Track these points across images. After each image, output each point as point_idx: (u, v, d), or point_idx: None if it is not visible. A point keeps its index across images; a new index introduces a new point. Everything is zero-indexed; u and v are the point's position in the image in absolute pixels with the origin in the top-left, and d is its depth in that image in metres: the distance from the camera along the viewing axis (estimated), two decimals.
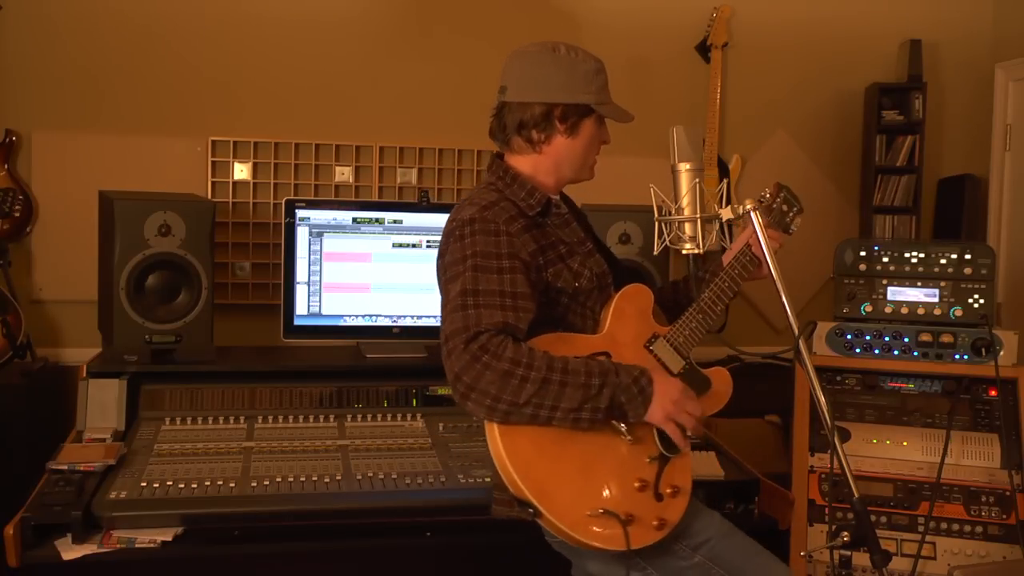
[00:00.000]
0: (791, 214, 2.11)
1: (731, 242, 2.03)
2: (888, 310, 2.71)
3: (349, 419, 2.72)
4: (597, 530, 1.64)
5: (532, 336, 1.69)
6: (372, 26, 3.60)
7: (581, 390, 1.62)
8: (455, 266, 1.70)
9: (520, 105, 1.82)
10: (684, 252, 1.84)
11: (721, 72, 3.86)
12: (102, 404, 2.60)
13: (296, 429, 2.65)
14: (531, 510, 1.62)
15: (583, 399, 1.62)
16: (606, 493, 1.67)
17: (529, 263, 1.73)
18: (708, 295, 1.92)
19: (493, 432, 1.64)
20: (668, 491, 1.74)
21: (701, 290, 1.92)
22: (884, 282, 2.73)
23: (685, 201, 1.83)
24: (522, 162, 1.87)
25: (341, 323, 3.04)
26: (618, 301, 1.85)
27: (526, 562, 2.66)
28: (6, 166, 3.28)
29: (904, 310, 2.71)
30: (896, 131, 3.99)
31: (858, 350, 2.69)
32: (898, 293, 2.71)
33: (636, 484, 1.70)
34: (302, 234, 3.02)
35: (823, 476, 2.56)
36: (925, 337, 2.66)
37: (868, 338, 2.68)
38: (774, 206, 2.04)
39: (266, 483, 2.30)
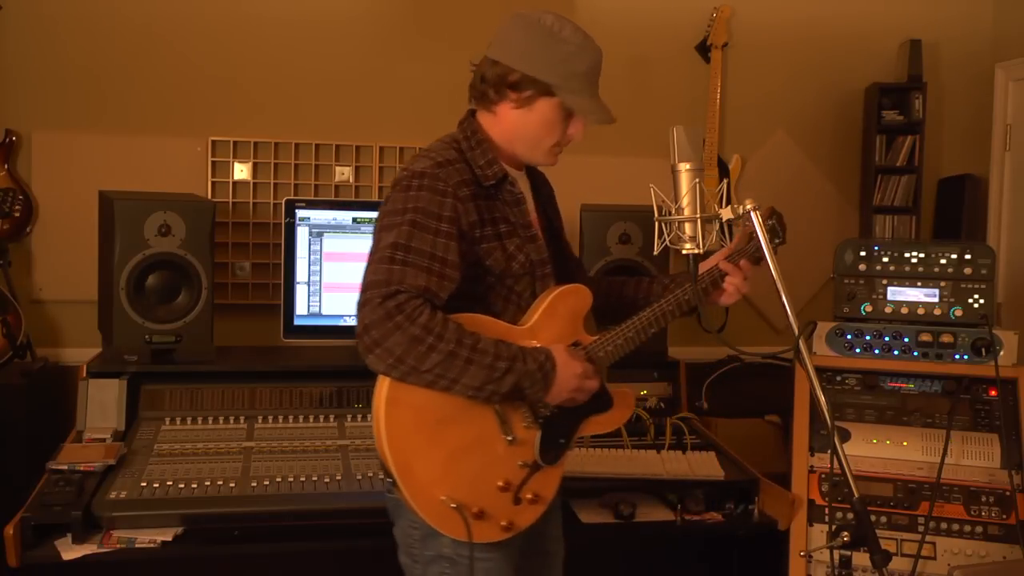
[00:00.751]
0: (774, 243, 2.00)
1: (731, 242, 2.03)
2: (888, 310, 2.71)
3: (349, 419, 2.72)
4: (447, 517, 1.65)
5: (453, 311, 1.66)
6: (372, 26, 3.60)
7: (485, 371, 1.62)
8: (393, 215, 1.66)
9: (490, 61, 1.78)
10: (684, 252, 1.84)
11: (721, 72, 3.86)
12: (102, 404, 2.60)
13: (296, 429, 2.65)
14: (390, 480, 1.67)
15: (485, 380, 1.62)
16: (466, 483, 1.68)
17: (465, 233, 1.70)
18: (648, 315, 1.88)
19: (381, 394, 1.64)
20: (528, 497, 1.74)
21: (676, 296, 1.91)
22: (884, 282, 2.73)
23: (685, 201, 1.82)
24: (488, 122, 1.81)
25: (341, 323, 3.04)
26: (554, 299, 1.82)
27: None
28: (6, 166, 3.28)
29: (904, 310, 2.71)
30: (896, 131, 3.99)
31: (858, 350, 2.69)
32: (898, 293, 2.71)
33: (499, 483, 1.71)
34: (302, 234, 3.02)
35: (823, 476, 2.56)
36: (925, 337, 2.66)
37: (868, 338, 2.68)
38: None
39: (266, 483, 2.30)
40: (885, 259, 2.73)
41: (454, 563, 1.70)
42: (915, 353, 2.66)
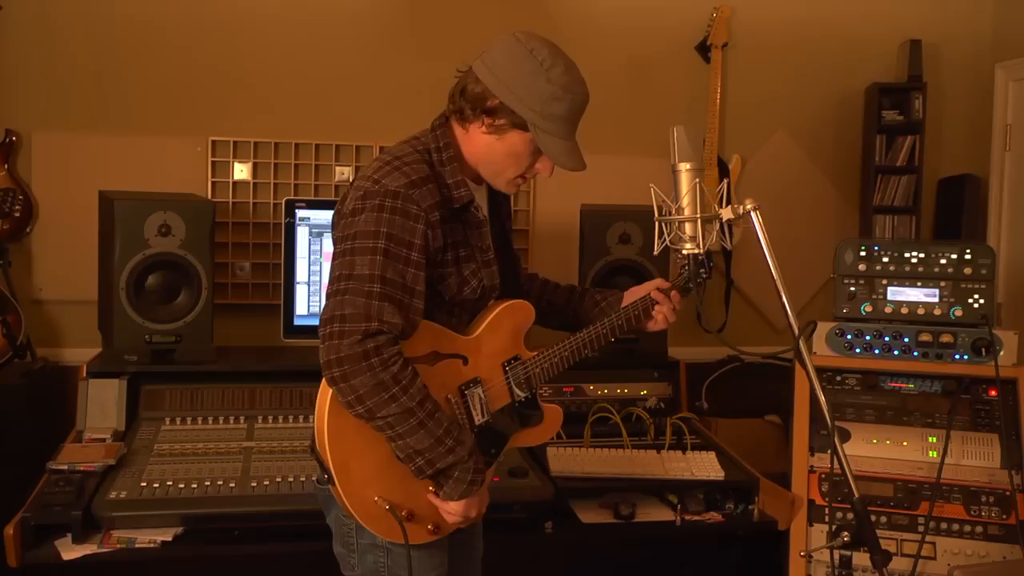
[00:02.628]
0: (698, 279, 1.96)
1: (731, 242, 2.03)
2: (888, 310, 2.71)
3: None
4: (378, 517, 1.69)
5: None
6: (372, 26, 3.60)
7: (432, 441, 1.64)
8: (366, 238, 1.63)
9: (474, 78, 1.71)
10: (684, 252, 1.84)
11: (721, 72, 3.85)
12: (102, 404, 2.61)
13: (296, 429, 2.65)
14: (326, 476, 1.69)
15: (427, 448, 1.64)
16: (399, 486, 1.70)
17: (431, 259, 1.69)
18: (583, 336, 1.91)
19: (326, 393, 1.68)
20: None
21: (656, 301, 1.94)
22: (884, 282, 2.73)
23: (685, 201, 1.82)
24: (460, 136, 1.76)
25: None
26: (500, 313, 1.84)
27: (527, 560, 2.66)
28: (6, 166, 3.28)
29: (904, 310, 2.71)
30: (896, 131, 3.98)
31: (858, 350, 2.69)
32: (898, 293, 2.71)
33: (431, 487, 1.72)
34: (302, 234, 3.02)
35: (823, 476, 2.56)
36: (925, 337, 2.66)
37: (868, 338, 2.68)
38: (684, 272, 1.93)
39: (266, 483, 2.30)
40: (885, 259, 2.73)
41: (389, 552, 1.75)
42: (915, 353, 2.66)
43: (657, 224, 1.86)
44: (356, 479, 1.69)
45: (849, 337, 2.69)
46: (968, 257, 2.68)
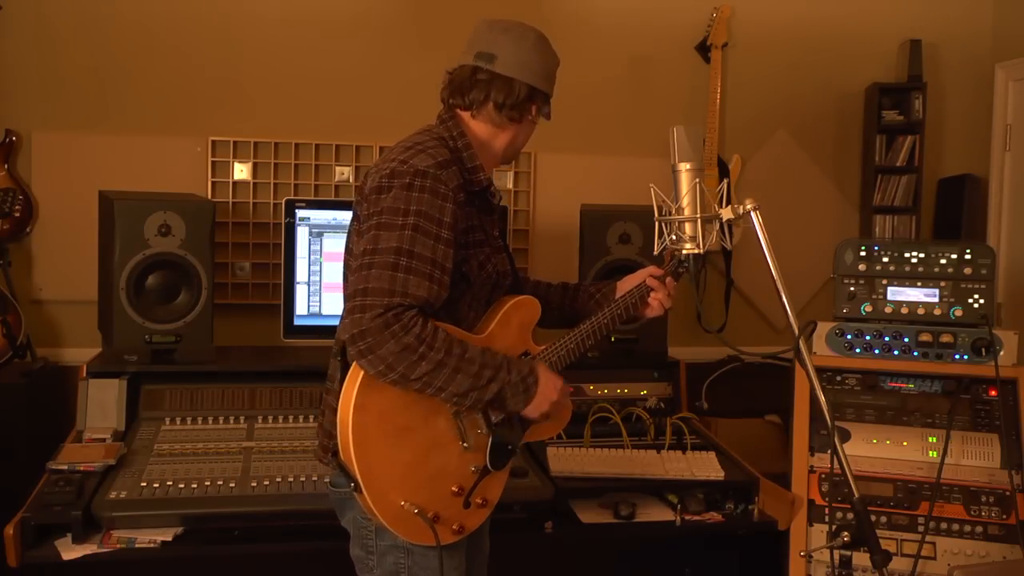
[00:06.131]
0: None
1: (731, 242, 2.03)
2: (888, 310, 2.71)
3: None
4: (406, 520, 1.68)
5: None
6: (372, 26, 3.60)
7: (471, 379, 1.66)
8: (395, 215, 1.65)
9: (507, 80, 1.80)
10: (684, 252, 1.84)
11: (721, 72, 3.85)
12: (102, 404, 2.61)
13: (296, 429, 2.65)
14: (352, 484, 1.66)
15: (470, 388, 1.66)
16: (423, 488, 1.70)
17: (457, 239, 1.72)
18: (586, 327, 1.93)
19: (349, 399, 1.65)
20: (478, 501, 1.78)
21: (637, 302, 1.97)
22: (884, 282, 2.73)
23: (685, 201, 1.83)
24: (481, 130, 1.84)
25: None
26: (509, 309, 1.86)
27: (527, 560, 2.66)
28: (6, 166, 3.28)
29: (904, 310, 2.71)
30: (896, 131, 3.99)
31: (858, 350, 2.69)
32: (898, 293, 2.71)
33: (454, 488, 1.73)
34: (302, 234, 3.02)
35: (823, 476, 2.56)
36: (925, 337, 2.66)
37: (868, 338, 2.68)
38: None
39: (266, 483, 2.30)
40: (885, 259, 2.73)
41: (409, 552, 1.74)
42: (915, 353, 2.66)
43: (657, 224, 1.87)
44: (383, 485, 1.67)
45: (849, 337, 2.69)
46: (968, 257, 2.68)
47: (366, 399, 1.65)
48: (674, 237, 1.87)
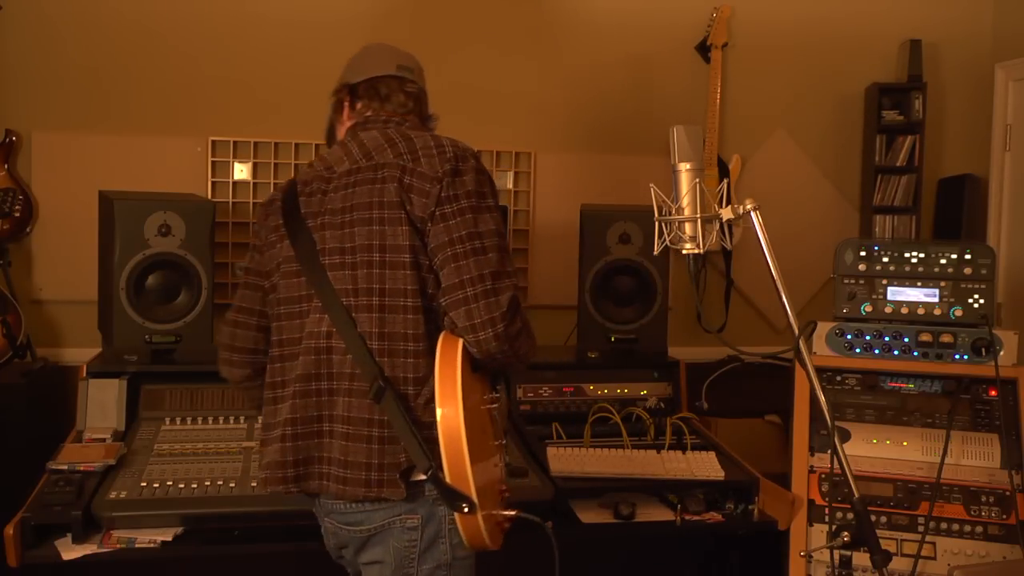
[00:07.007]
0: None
1: (731, 242, 2.03)
2: (888, 310, 2.71)
3: None
4: (494, 533, 1.64)
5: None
6: (371, 26, 3.59)
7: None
8: (482, 198, 1.68)
9: (422, 90, 1.99)
10: (684, 252, 1.84)
11: (721, 72, 3.86)
12: (102, 404, 2.60)
13: None
14: (465, 506, 1.52)
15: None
16: (492, 492, 1.68)
17: None
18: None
19: (458, 418, 1.52)
20: (506, 494, 1.77)
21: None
22: (884, 282, 2.73)
23: (685, 201, 1.83)
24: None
25: None
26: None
27: (527, 560, 2.66)
28: (6, 166, 3.28)
29: (904, 310, 2.71)
30: (896, 131, 3.99)
31: (858, 350, 2.69)
32: (898, 293, 2.71)
33: (503, 487, 1.74)
34: None
35: (823, 476, 2.56)
36: (925, 337, 2.66)
37: (868, 338, 2.68)
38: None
39: None
40: (885, 259, 2.73)
41: (450, 567, 1.71)
42: (915, 353, 2.66)
43: (657, 224, 1.87)
44: (484, 501, 1.58)
45: (849, 337, 2.69)
46: (968, 257, 2.68)
47: (466, 402, 1.54)
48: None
